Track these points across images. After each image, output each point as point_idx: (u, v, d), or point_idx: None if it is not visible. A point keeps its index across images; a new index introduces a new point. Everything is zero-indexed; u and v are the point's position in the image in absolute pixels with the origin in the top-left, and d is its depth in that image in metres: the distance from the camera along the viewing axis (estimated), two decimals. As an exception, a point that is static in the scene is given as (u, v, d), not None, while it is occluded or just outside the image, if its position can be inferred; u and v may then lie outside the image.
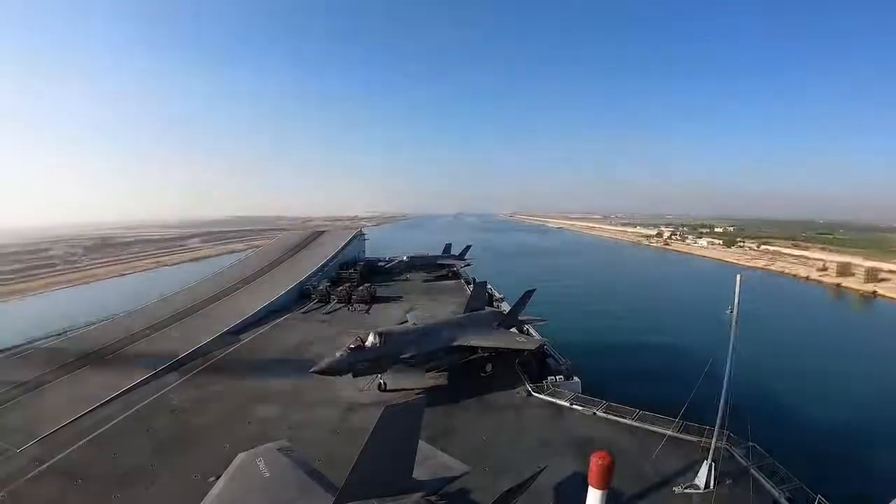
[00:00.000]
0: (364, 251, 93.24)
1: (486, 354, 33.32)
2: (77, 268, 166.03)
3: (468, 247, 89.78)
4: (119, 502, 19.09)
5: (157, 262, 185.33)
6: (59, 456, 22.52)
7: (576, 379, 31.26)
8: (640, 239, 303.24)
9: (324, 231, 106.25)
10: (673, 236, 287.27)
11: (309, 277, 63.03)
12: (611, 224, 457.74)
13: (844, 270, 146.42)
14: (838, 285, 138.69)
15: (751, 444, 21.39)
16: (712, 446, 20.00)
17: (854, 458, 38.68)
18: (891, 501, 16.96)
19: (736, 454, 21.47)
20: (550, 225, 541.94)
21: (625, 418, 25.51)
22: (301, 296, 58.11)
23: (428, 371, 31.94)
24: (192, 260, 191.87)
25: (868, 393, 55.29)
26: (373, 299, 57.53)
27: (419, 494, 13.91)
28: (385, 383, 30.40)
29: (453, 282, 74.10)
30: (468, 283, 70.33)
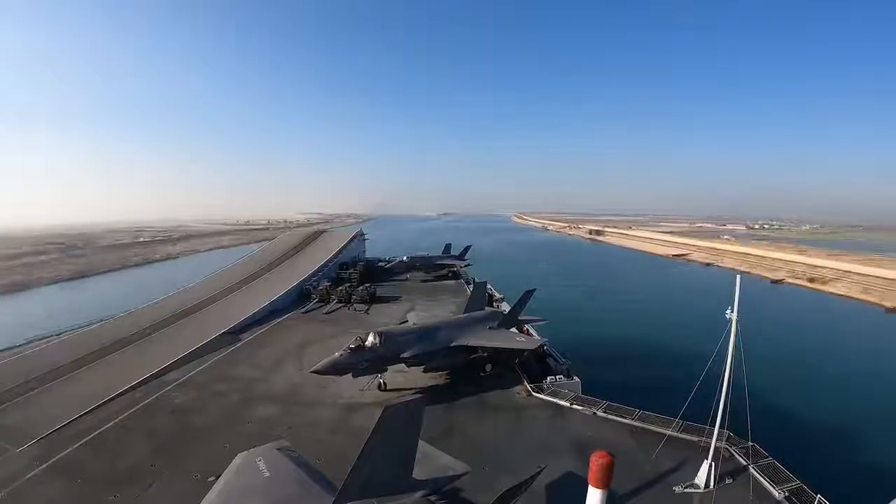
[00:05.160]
0: (364, 251, 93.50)
1: (485, 354, 33.36)
2: None
3: (468, 247, 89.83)
4: (119, 502, 19.08)
5: None
6: (59, 456, 22.51)
7: (576, 379, 31.31)
8: None
9: (324, 231, 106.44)
10: None
11: (309, 277, 63.06)
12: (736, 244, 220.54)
13: None
14: None
15: (751, 443, 21.44)
16: (712, 446, 20.02)
17: (854, 458, 38.70)
18: (891, 501, 16.96)
19: (736, 454, 21.50)
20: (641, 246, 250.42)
21: (625, 418, 25.52)
22: (301, 296, 58.10)
23: (428, 371, 31.98)
24: None
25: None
26: (373, 299, 57.58)
27: (419, 494, 13.95)
28: (385, 383, 30.45)
29: (453, 282, 74.06)
30: (468, 283, 70.38)
